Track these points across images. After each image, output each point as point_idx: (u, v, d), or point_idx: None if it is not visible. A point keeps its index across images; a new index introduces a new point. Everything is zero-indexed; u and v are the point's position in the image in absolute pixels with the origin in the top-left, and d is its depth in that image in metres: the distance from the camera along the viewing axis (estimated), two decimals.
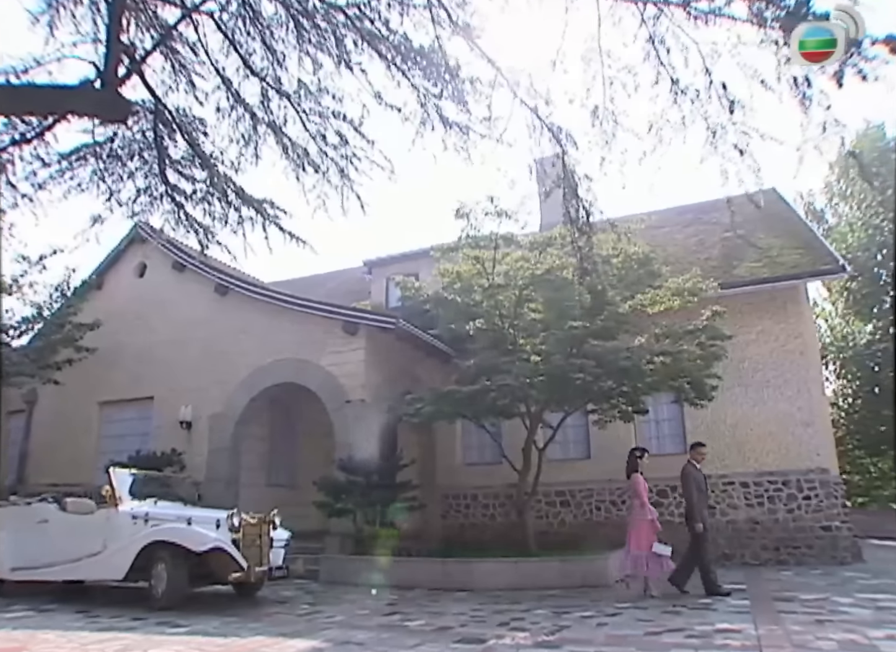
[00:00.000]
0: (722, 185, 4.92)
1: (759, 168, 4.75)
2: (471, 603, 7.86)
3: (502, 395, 9.53)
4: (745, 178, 4.80)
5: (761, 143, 5.18)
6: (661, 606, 7.30)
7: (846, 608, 6.88)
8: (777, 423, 12.40)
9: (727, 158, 4.81)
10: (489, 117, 5.62)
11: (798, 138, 4.44)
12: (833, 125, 4.40)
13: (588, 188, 5.78)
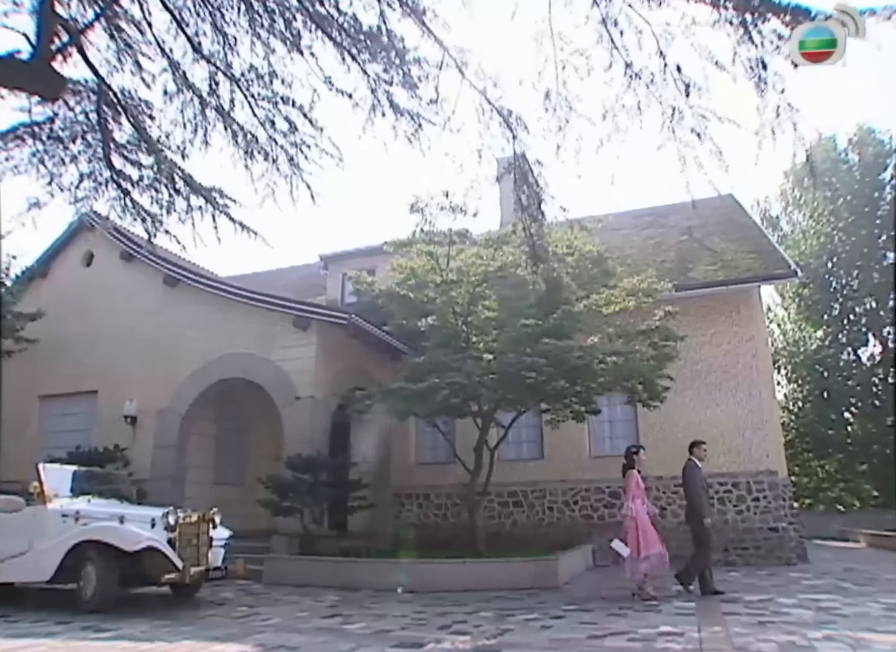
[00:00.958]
0: (681, 170, 4.82)
1: (719, 151, 4.66)
2: (415, 604, 7.70)
3: (453, 393, 9.38)
4: (705, 162, 4.71)
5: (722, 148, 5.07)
6: (608, 608, 7.21)
7: (789, 609, 6.89)
8: (728, 425, 12.49)
9: (684, 143, 4.72)
10: (436, 99, 5.45)
11: (755, 123, 4.36)
12: (787, 109, 4.33)
13: (540, 173, 5.64)
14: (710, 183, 4.68)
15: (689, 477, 8.49)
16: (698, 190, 27.24)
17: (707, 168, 4.71)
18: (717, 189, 4.77)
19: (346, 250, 16.65)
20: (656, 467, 12.63)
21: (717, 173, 4.75)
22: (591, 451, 13.28)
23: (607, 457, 13.10)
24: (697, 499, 8.37)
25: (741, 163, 5.33)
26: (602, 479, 12.84)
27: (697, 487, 8.41)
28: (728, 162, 4.70)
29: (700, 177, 4.79)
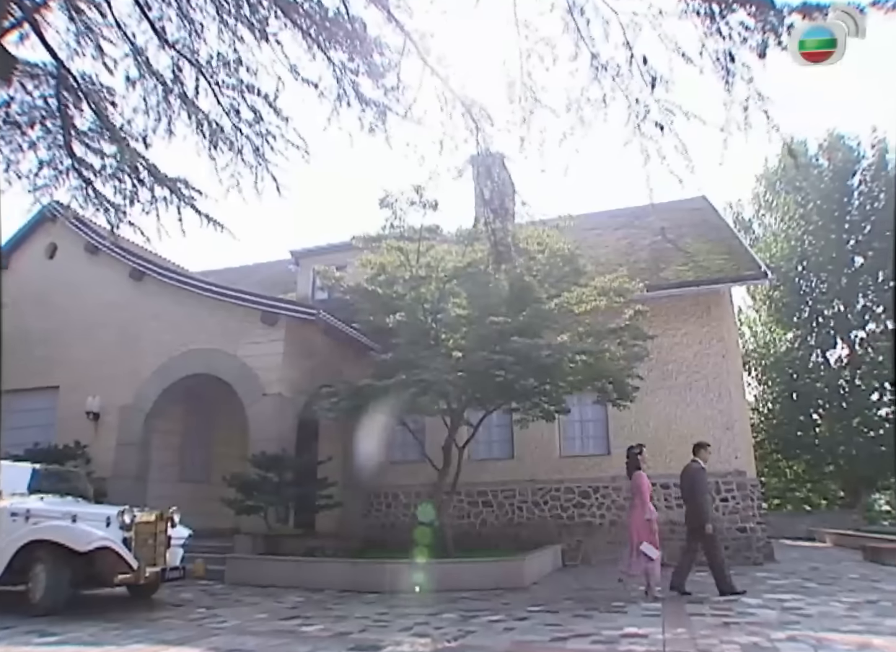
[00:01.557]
0: (644, 164, 4.73)
1: (685, 147, 4.57)
2: (378, 606, 7.55)
3: (422, 391, 9.24)
4: (668, 156, 4.61)
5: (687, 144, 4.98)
6: (574, 608, 7.12)
7: (754, 610, 6.87)
8: (698, 425, 12.49)
9: (649, 137, 4.62)
10: (398, 86, 5.30)
11: (722, 118, 4.28)
12: (756, 99, 4.26)
13: (503, 166, 5.51)
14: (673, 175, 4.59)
15: (698, 479, 8.32)
16: (671, 191, 27.42)
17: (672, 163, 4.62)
18: (682, 181, 4.68)
19: (318, 246, 16.41)
20: (625, 467, 12.64)
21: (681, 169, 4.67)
22: (562, 451, 13.22)
23: (578, 457, 13.09)
24: (704, 503, 8.23)
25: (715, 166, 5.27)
26: (572, 479, 12.80)
27: (704, 491, 8.30)
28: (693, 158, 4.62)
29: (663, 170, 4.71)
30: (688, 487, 8.41)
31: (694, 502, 8.28)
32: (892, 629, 5.78)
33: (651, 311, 12.67)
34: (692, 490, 8.30)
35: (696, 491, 8.25)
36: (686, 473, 8.56)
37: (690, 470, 8.51)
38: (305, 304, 12.11)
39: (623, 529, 12.35)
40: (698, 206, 17.81)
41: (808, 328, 24.57)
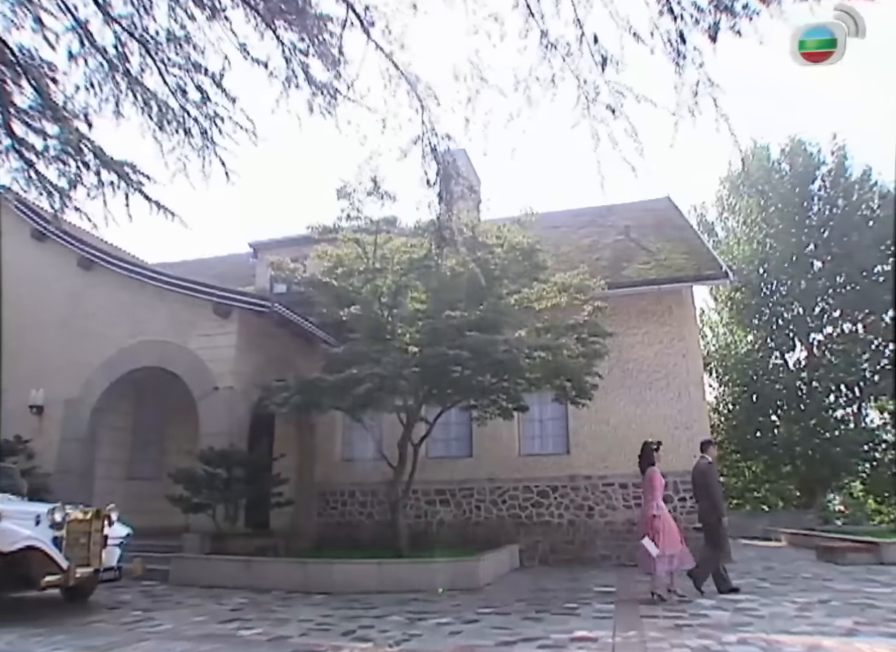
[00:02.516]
0: (594, 149, 4.55)
1: (635, 131, 4.39)
2: (324, 608, 7.30)
3: (377, 387, 9.00)
4: (619, 140, 4.44)
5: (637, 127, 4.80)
6: (525, 611, 6.95)
7: (707, 611, 6.78)
8: (657, 425, 12.42)
9: (599, 120, 4.45)
10: (339, 60, 5.04)
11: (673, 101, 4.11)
12: (706, 85, 4.11)
13: (447, 147, 5.29)
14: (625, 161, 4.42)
15: (710, 475, 8.42)
16: (636, 192, 27.49)
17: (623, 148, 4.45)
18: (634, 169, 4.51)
19: (276, 238, 16.05)
20: (585, 467, 12.57)
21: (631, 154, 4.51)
22: (521, 449, 13.07)
23: (537, 455, 12.96)
24: (720, 498, 8.35)
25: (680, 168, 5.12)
26: (531, 478, 12.66)
27: (718, 486, 8.43)
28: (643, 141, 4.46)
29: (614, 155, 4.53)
30: (701, 484, 8.46)
31: (709, 498, 8.35)
32: (842, 630, 5.73)
33: (612, 309, 12.59)
34: (707, 486, 8.37)
35: (711, 486, 8.34)
36: (697, 470, 8.64)
37: (701, 467, 8.61)
38: (259, 295, 11.75)
39: (580, 529, 12.33)
40: (662, 207, 17.88)
41: (768, 330, 24.83)
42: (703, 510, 8.50)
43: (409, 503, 12.88)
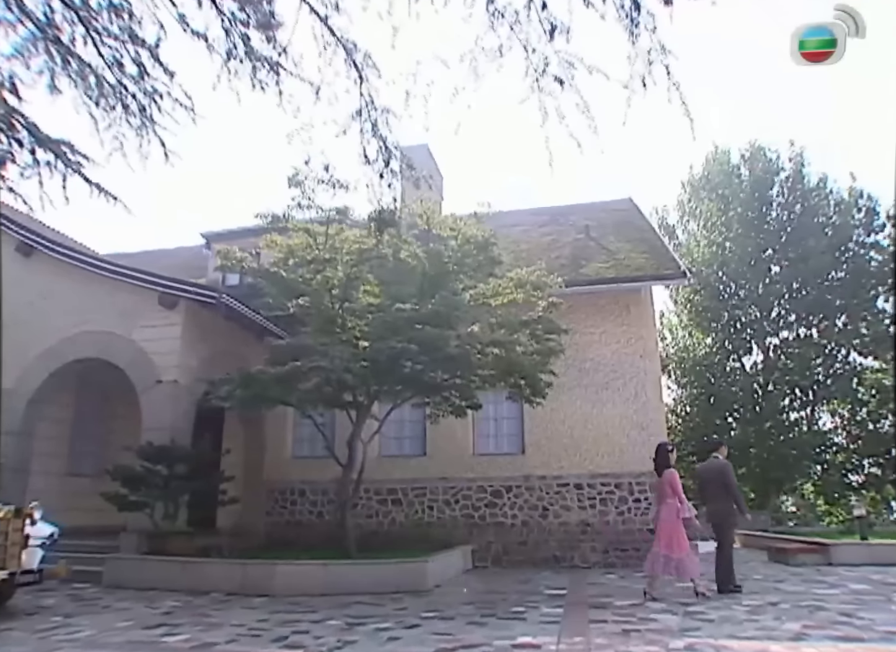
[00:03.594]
0: (542, 124, 4.32)
1: (586, 106, 4.18)
2: (262, 611, 6.96)
3: (325, 381, 8.67)
4: (568, 114, 4.22)
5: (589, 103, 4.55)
6: (470, 615, 6.70)
7: (657, 615, 6.63)
8: (613, 425, 12.34)
9: (548, 93, 4.21)
10: (271, 21, 4.73)
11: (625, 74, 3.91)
12: (659, 51, 3.91)
13: (386, 121, 5.01)
14: (572, 137, 4.20)
15: (728, 473, 8.46)
16: (598, 192, 27.57)
17: (571, 123, 4.23)
18: (580, 145, 4.29)
19: (230, 229, 15.55)
20: (540, 466, 12.40)
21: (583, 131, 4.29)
22: (476, 448, 12.85)
23: (491, 455, 12.75)
24: (740, 496, 8.47)
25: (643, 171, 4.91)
26: (485, 477, 12.44)
27: (735, 484, 8.48)
28: (595, 117, 4.24)
29: (562, 130, 4.31)
30: (718, 483, 8.40)
31: (733, 497, 8.38)
32: (790, 634, 5.62)
33: (570, 308, 12.43)
34: (727, 485, 8.34)
35: (731, 485, 8.36)
36: (711, 468, 8.67)
37: (717, 465, 8.64)
38: (206, 286, 11.30)
39: (533, 529, 12.15)
40: (624, 208, 17.85)
41: (726, 333, 25.05)
42: (716, 511, 8.44)
43: (360, 503, 12.59)
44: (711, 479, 8.55)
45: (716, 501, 8.46)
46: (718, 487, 8.39)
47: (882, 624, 5.94)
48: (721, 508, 8.40)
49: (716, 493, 8.45)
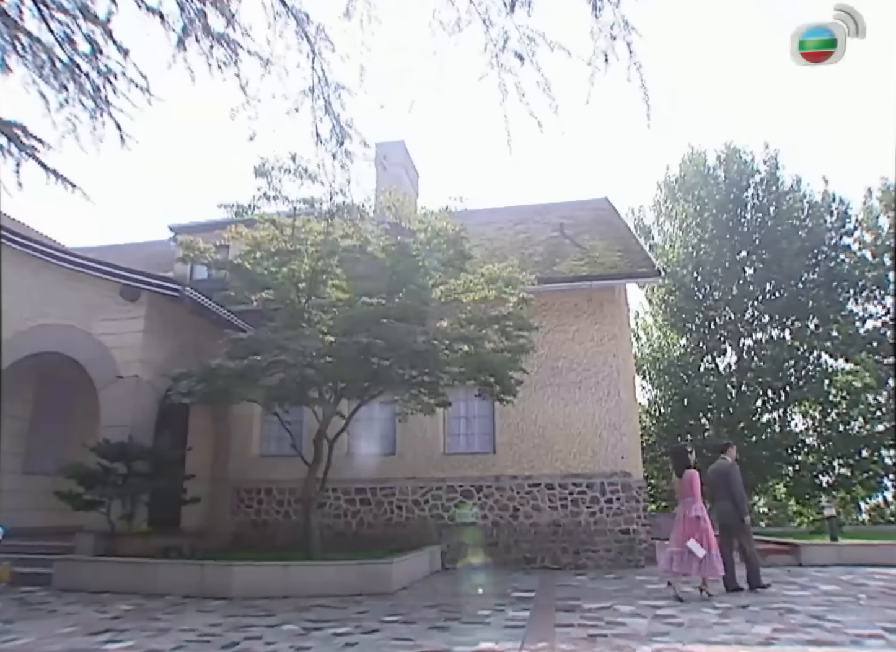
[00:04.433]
0: (501, 101, 4.12)
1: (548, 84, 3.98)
2: (216, 615, 6.68)
3: (290, 377, 8.39)
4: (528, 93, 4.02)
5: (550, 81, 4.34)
6: (433, 620, 6.48)
7: (625, 618, 6.45)
8: (586, 424, 12.19)
9: (507, 69, 4.01)
10: None
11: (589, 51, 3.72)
12: (622, 27, 3.73)
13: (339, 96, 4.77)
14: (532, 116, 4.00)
15: (733, 473, 8.62)
16: (575, 192, 27.50)
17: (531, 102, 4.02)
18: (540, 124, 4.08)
19: (199, 222, 15.17)
20: (511, 466, 12.21)
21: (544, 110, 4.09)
22: (446, 448, 12.62)
23: (462, 454, 12.53)
24: (742, 498, 8.61)
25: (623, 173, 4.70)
26: (455, 477, 12.21)
27: (741, 486, 8.65)
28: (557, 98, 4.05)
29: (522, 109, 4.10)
30: (724, 484, 8.55)
31: (733, 497, 8.52)
32: (760, 637, 5.48)
33: (543, 306, 12.28)
34: (731, 485, 8.50)
35: (734, 485, 8.52)
36: (719, 470, 8.79)
37: (724, 467, 8.77)
38: (170, 278, 10.96)
39: (504, 530, 11.95)
40: (600, 207, 17.76)
41: (700, 334, 25.07)
42: (723, 511, 8.60)
43: (328, 502, 12.33)
44: (718, 480, 8.72)
45: (723, 501, 8.61)
46: (725, 489, 8.56)
47: (852, 627, 5.83)
48: (728, 508, 8.57)
49: (723, 494, 8.61)
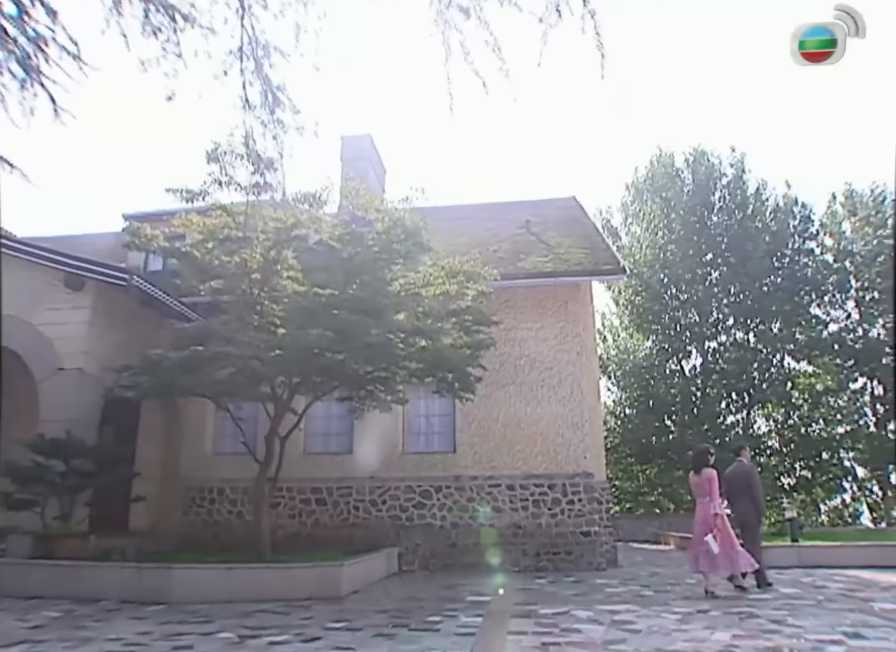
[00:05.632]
0: (445, 59, 3.83)
1: (497, 44, 3.70)
2: (150, 622, 6.26)
3: (241, 372, 8.00)
4: (472, 50, 3.75)
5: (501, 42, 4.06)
6: (380, 626, 6.14)
7: (581, 625, 6.18)
8: (548, 424, 11.96)
9: (452, 26, 3.72)
10: None
11: None
12: None
13: (270, 63, 4.40)
14: (477, 76, 3.72)
15: (754, 475, 8.99)
16: (543, 190, 27.40)
17: (476, 63, 3.74)
18: (485, 84, 3.80)
19: (154, 211, 14.62)
20: (471, 466, 11.93)
21: (492, 73, 3.83)
22: (405, 447, 12.29)
23: (421, 454, 12.22)
24: (762, 499, 8.91)
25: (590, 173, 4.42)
26: (414, 477, 11.90)
27: (761, 487, 9.00)
28: (508, 63, 3.77)
29: (466, 68, 3.82)
30: (744, 485, 8.82)
31: (754, 498, 8.79)
32: (719, 645, 5.24)
33: (507, 303, 12.05)
34: (752, 487, 8.80)
35: (755, 487, 8.83)
36: (737, 472, 9.02)
37: (742, 468, 9.05)
38: (116, 267, 10.45)
39: (463, 531, 11.66)
40: (568, 206, 17.62)
41: (666, 336, 25.10)
42: (742, 510, 8.81)
43: (282, 502, 11.94)
44: (737, 481, 8.92)
45: (741, 502, 8.82)
46: (743, 489, 8.81)
47: (812, 632, 5.65)
48: (746, 508, 8.81)
49: (741, 494, 8.83)
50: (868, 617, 6.33)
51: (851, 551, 11.52)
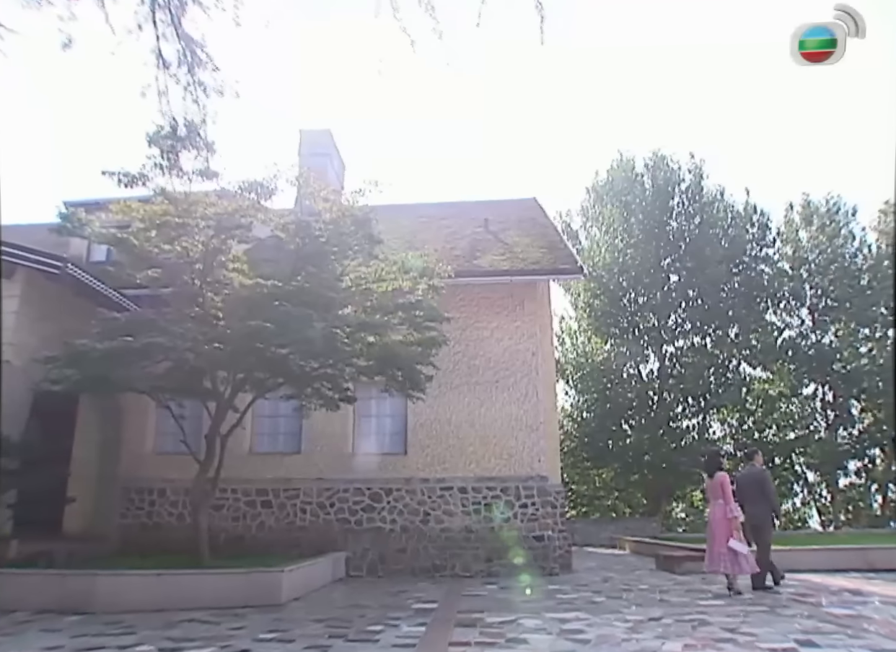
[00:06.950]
0: (374, 16, 3.54)
1: (432, 5, 3.42)
2: (65, 634, 5.80)
3: (179, 366, 7.55)
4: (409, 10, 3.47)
5: None
6: (316, 637, 5.79)
7: (528, 634, 5.90)
8: (502, 425, 11.71)
9: None
10: None
11: None
12: None
13: (191, 19, 4.04)
14: (405, 33, 3.43)
15: (767, 480, 9.19)
16: (503, 191, 27.46)
17: (409, 21, 3.45)
18: (413, 42, 3.52)
19: (97, 199, 13.94)
20: (423, 468, 11.62)
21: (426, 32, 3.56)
22: (355, 448, 11.91)
23: (372, 455, 11.84)
24: (776, 502, 9.18)
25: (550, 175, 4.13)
26: (364, 479, 11.52)
27: (774, 491, 9.23)
28: (442, 20, 3.48)
29: (395, 25, 3.52)
30: (757, 489, 8.93)
31: (765, 502, 8.93)
32: None
33: (462, 301, 11.79)
34: (766, 492, 8.95)
35: (770, 492, 9.03)
36: (750, 476, 9.16)
37: (757, 473, 9.20)
38: (49, 254, 9.87)
39: (413, 536, 11.33)
40: (528, 206, 17.47)
41: (624, 340, 25.14)
42: (755, 514, 8.86)
43: (225, 504, 11.46)
44: (750, 485, 9.04)
45: (754, 505, 8.89)
46: (756, 493, 8.91)
47: (765, 640, 5.46)
48: (759, 511, 8.90)
49: (754, 498, 8.92)
50: (819, 623, 6.19)
51: (801, 555, 11.50)
